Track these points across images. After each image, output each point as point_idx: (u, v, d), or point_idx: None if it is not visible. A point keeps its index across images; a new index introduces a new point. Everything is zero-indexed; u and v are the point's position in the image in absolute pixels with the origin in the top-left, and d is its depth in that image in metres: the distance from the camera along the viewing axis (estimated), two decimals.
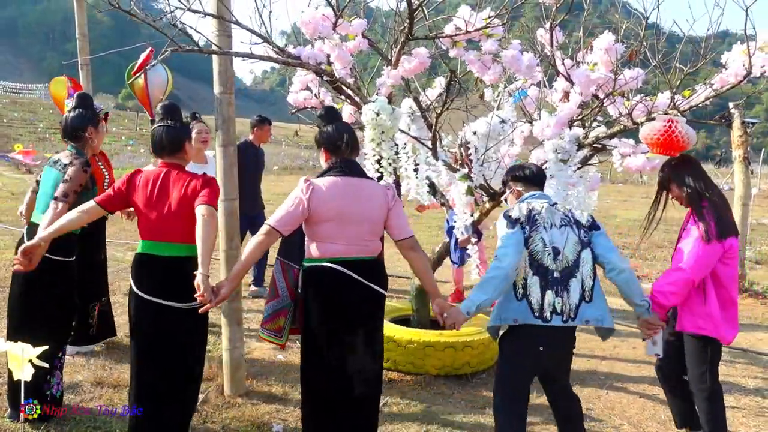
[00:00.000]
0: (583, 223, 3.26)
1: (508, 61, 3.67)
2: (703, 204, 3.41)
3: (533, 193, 3.35)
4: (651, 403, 4.63)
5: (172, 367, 3.21)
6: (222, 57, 4.05)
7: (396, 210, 3.19)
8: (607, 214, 17.01)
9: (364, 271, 3.11)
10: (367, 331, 3.18)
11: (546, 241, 3.14)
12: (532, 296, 3.11)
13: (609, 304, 3.33)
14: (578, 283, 3.14)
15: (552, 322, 3.10)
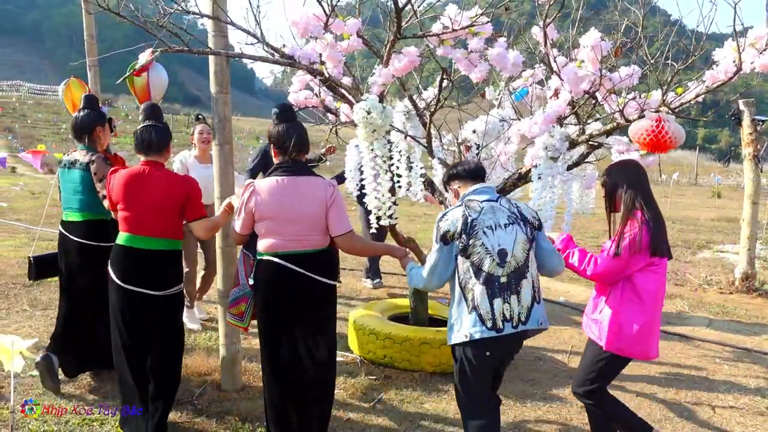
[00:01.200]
0: (529, 220, 3.12)
1: (494, 59, 3.68)
2: (635, 214, 3.17)
3: (474, 189, 3.17)
4: (647, 402, 4.61)
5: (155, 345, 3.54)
6: (218, 57, 4.12)
7: (334, 207, 3.26)
8: None
9: (305, 262, 3.23)
10: (310, 320, 3.30)
11: (489, 246, 2.96)
12: (481, 307, 2.96)
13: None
14: (529, 283, 3.03)
15: (504, 331, 2.96)
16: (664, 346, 5.85)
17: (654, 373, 5.18)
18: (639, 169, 3.33)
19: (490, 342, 2.98)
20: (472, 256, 2.98)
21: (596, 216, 15.97)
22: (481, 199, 3.09)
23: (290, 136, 3.25)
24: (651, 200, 3.23)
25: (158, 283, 3.47)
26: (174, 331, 3.66)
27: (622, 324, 3.16)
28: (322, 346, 3.31)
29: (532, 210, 3.22)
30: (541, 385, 4.84)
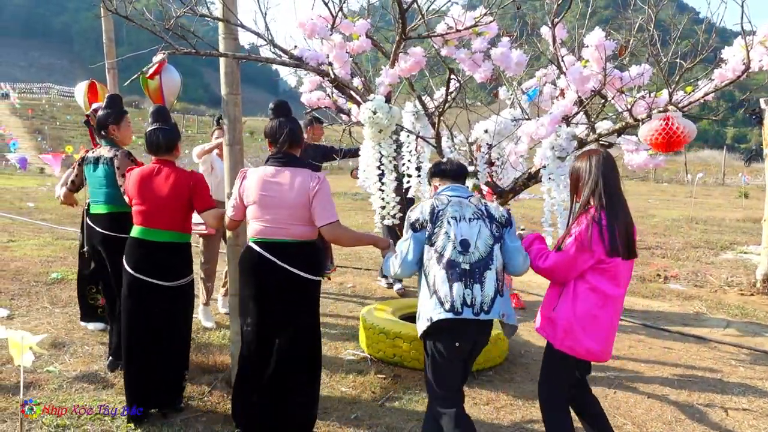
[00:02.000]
0: (496, 218, 3.18)
1: (498, 58, 3.69)
2: (589, 209, 3.04)
3: (449, 186, 3.29)
4: (659, 404, 4.56)
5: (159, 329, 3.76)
6: (228, 59, 4.18)
7: (318, 198, 3.35)
8: (646, 214, 16.68)
9: (280, 252, 3.37)
10: (281, 311, 3.40)
11: (451, 234, 3.06)
12: (440, 291, 3.04)
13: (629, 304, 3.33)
14: (494, 275, 3.08)
15: (463, 315, 3.01)
16: (679, 348, 5.80)
17: (667, 375, 5.13)
18: (607, 161, 3.11)
19: (451, 325, 3.03)
20: (436, 243, 3.09)
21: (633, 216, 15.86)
22: (452, 194, 3.21)
23: (282, 130, 3.43)
24: (615, 196, 3.04)
25: (167, 273, 3.74)
26: (180, 323, 3.85)
27: (572, 322, 3.07)
28: (291, 339, 3.41)
29: (502, 210, 3.25)
30: None
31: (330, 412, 4.15)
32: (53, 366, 4.54)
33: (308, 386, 3.54)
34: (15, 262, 7.61)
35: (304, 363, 3.50)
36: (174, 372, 3.85)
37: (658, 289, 8.07)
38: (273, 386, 3.46)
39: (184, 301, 3.87)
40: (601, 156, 3.10)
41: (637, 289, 8.04)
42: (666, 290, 8.02)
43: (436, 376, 3.18)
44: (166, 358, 3.78)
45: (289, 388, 3.48)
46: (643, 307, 7.25)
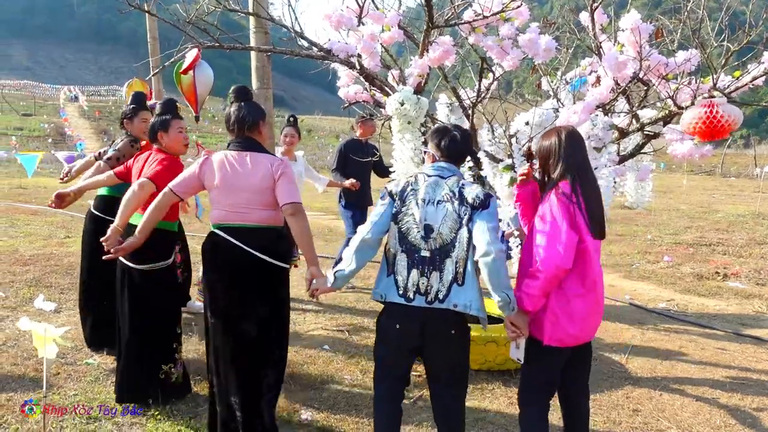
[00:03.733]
0: (468, 200, 2.92)
1: (526, 45, 3.53)
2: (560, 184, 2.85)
3: (437, 164, 3.05)
4: (707, 407, 4.32)
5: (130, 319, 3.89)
6: (260, 54, 4.18)
7: (282, 180, 3.30)
8: (709, 209, 16.01)
9: (243, 237, 3.31)
10: (245, 297, 3.34)
11: (417, 217, 2.94)
12: (399, 274, 2.97)
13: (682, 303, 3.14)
14: (453, 263, 2.91)
15: (414, 302, 2.92)
16: (733, 349, 5.50)
17: (719, 377, 4.86)
18: (575, 136, 2.94)
19: (399, 309, 2.95)
20: (401, 224, 2.98)
21: (697, 211, 15.24)
22: (430, 173, 3.03)
23: (235, 114, 3.39)
24: (589, 172, 2.91)
25: (139, 258, 3.80)
26: (147, 309, 3.87)
27: (557, 313, 2.87)
28: (255, 326, 3.35)
29: (478, 191, 2.94)
30: (593, 385, 4.57)
31: (360, 408, 4.10)
32: (92, 359, 4.64)
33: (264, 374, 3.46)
34: (69, 257, 7.85)
35: (272, 351, 3.45)
36: (150, 362, 3.88)
37: (715, 287, 7.69)
38: (240, 376, 3.39)
39: (155, 288, 3.88)
40: (570, 131, 2.95)
41: (692, 287, 7.69)
42: (724, 288, 7.63)
43: (376, 350, 3.14)
44: (141, 348, 3.87)
45: (255, 377, 3.41)
46: (698, 306, 6.91)
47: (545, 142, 2.95)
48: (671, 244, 10.57)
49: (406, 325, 2.96)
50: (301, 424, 3.85)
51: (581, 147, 2.92)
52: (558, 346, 2.91)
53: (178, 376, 4.02)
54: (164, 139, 3.92)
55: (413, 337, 2.99)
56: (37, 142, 35.78)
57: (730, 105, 3.33)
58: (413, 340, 2.99)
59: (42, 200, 13.70)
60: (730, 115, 3.37)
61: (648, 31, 3.27)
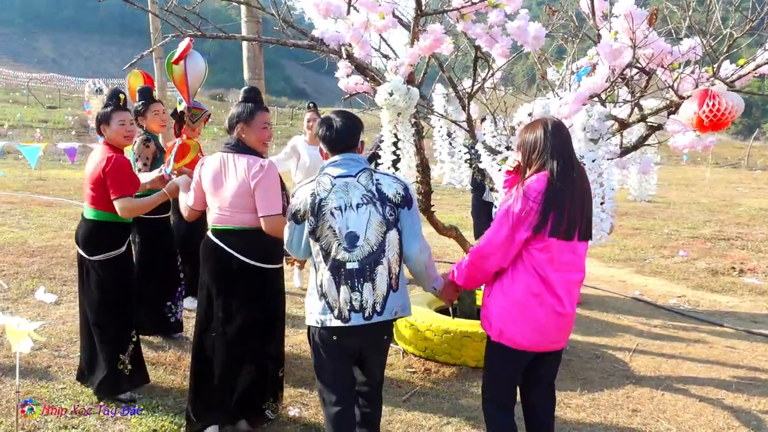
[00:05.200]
0: (390, 198, 2.74)
1: (515, 33, 3.40)
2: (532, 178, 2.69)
3: (334, 160, 2.81)
4: (710, 408, 4.17)
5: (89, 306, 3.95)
6: (250, 44, 4.10)
7: (258, 188, 3.22)
8: (731, 203, 15.66)
9: (229, 239, 3.32)
10: (232, 299, 3.35)
11: (337, 228, 2.69)
12: (329, 295, 2.73)
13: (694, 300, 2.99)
14: (386, 269, 2.73)
15: (352, 321, 2.72)
16: (743, 348, 5.33)
17: (725, 377, 4.70)
18: (559, 127, 2.76)
19: (337, 331, 2.76)
20: (321, 240, 2.74)
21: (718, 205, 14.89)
22: (336, 174, 2.76)
23: (230, 116, 3.36)
24: (571, 168, 2.70)
25: (86, 247, 3.91)
26: (97, 297, 3.90)
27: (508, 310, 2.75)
28: (239, 329, 3.34)
29: (397, 186, 2.78)
30: (593, 384, 4.50)
31: None
32: None
33: (265, 379, 3.47)
34: (75, 249, 7.87)
35: (258, 355, 3.43)
36: (109, 350, 3.88)
37: (729, 283, 7.47)
38: (225, 379, 3.40)
39: (104, 279, 3.90)
40: (555, 123, 2.77)
41: (706, 282, 7.48)
42: (738, 284, 7.41)
43: (318, 367, 2.94)
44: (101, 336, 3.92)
45: (242, 381, 3.43)
46: (710, 302, 6.72)
47: (529, 134, 2.78)
48: (688, 238, 10.33)
49: (344, 341, 2.81)
50: (289, 420, 3.79)
51: (567, 141, 2.76)
52: (510, 346, 2.78)
53: (134, 367, 4.00)
54: (106, 132, 3.93)
55: (353, 350, 2.89)
56: (61, 134, 36.21)
57: (730, 93, 3.17)
58: (353, 353, 2.90)
59: (59, 192, 13.84)
60: (729, 104, 3.21)
61: (642, 17, 3.12)
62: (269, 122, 3.43)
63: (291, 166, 6.33)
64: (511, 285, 2.74)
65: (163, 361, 4.51)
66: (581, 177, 2.77)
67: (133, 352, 3.98)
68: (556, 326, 2.76)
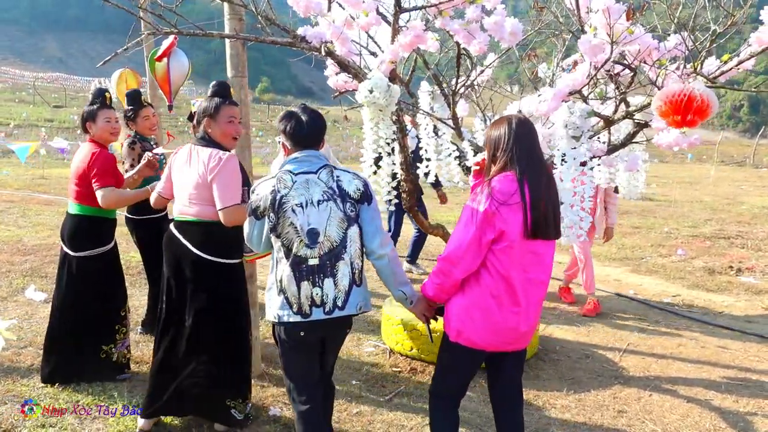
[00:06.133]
0: (350, 194, 2.76)
1: (492, 28, 3.35)
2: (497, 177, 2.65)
3: (295, 156, 2.81)
4: (698, 409, 4.12)
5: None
6: (234, 42, 4.06)
7: (216, 180, 3.22)
8: (734, 201, 15.53)
9: (186, 231, 3.35)
10: (188, 292, 3.37)
11: (298, 225, 2.69)
12: (288, 291, 2.74)
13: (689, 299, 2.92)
14: (347, 265, 2.75)
15: (312, 317, 2.73)
16: (736, 348, 5.27)
17: (715, 378, 4.65)
18: (524, 124, 2.72)
19: (297, 326, 2.77)
20: (282, 237, 2.74)
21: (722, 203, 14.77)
22: (297, 171, 2.76)
23: (197, 110, 3.41)
24: (535, 167, 2.66)
25: (71, 243, 3.96)
26: (86, 293, 3.95)
27: (467, 308, 2.72)
28: (195, 323, 3.37)
29: (357, 182, 2.80)
30: (581, 384, 4.46)
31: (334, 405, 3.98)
32: None
33: (225, 377, 3.45)
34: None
35: (215, 350, 3.42)
36: (88, 344, 3.99)
37: (726, 282, 7.39)
38: (180, 371, 3.42)
39: (89, 275, 3.97)
40: (517, 120, 2.72)
41: (702, 282, 7.41)
42: (735, 284, 7.33)
43: (284, 362, 2.95)
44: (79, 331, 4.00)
45: (199, 376, 3.42)
46: (705, 302, 6.65)
47: (494, 131, 2.74)
48: (688, 237, 10.24)
49: (308, 335, 2.82)
50: (269, 419, 3.76)
51: (532, 137, 2.71)
52: (467, 346, 2.75)
53: (119, 356, 4.14)
54: (92, 129, 3.99)
55: (316, 344, 2.90)
56: (66, 133, 36.34)
57: (705, 88, 3.11)
58: (316, 346, 2.91)
59: (60, 190, 13.86)
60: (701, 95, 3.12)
61: (620, 12, 3.07)
62: (236, 117, 3.42)
63: None
64: (472, 286, 2.71)
65: (147, 359, 4.48)
66: (548, 175, 2.73)
67: (120, 342, 4.12)
68: (514, 327, 2.72)
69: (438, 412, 2.95)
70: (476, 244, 2.61)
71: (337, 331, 2.92)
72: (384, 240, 2.84)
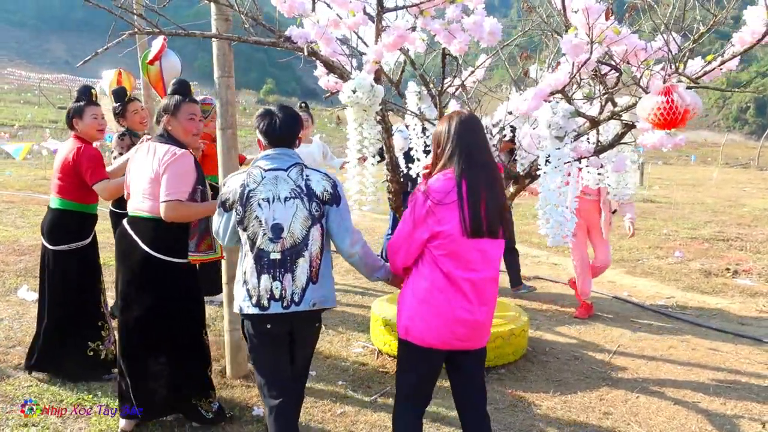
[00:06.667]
0: (317, 194, 2.79)
1: (471, 28, 3.35)
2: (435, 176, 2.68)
3: (268, 153, 2.85)
4: (684, 412, 4.10)
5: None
6: (220, 42, 4.07)
7: (167, 172, 3.23)
8: (736, 203, 15.48)
9: (136, 227, 3.37)
10: (135, 287, 3.37)
11: (262, 219, 2.75)
12: (249, 282, 2.80)
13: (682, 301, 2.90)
14: (306, 263, 2.78)
15: (270, 310, 2.77)
16: (727, 350, 5.24)
17: (704, 380, 4.62)
18: (466, 122, 2.70)
19: (257, 318, 2.82)
20: (248, 229, 2.80)
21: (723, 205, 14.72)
22: (268, 167, 2.81)
23: (158, 108, 3.46)
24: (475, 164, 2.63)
25: (50, 237, 4.00)
26: (67, 288, 4.00)
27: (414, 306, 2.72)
28: (139, 318, 3.36)
29: (326, 183, 2.82)
30: (568, 386, 4.44)
31: (317, 405, 3.98)
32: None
33: (182, 374, 3.46)
34: None
35: (165, 348, 3.42)
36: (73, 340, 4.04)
37: (721, 284, 7.36)
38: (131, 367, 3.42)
39: (65, 268, 4.01)
40: (461, 117, 2.71)
41: (697, 284, 7.37)
42: (730, 286, 7.30)
43: (253, 358, 2.97)
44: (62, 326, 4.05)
45: (153, 372, 3.42)
46: (698, 304, 6.61)
47: (438, 127, 2.75)
48: (686, 238, 10.21)
49: (274, 328, 2.84)
50: (252, 419, 3.76)
51: (473, 134, 2.68)
52: (416, 343, 2.73)
53: (107, 352, 4.17)
54: (79, 125, 4.06)
55: (282, 338, 2.89)
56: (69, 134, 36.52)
57: (688, 91, 3.10)
58: (284, 337, 2.89)
59: None
60: (684, 100, 3.12)
61: (599, 12, 3.06)
62: (197, 114, 3.46)
63: None
64: (418, 282, 2.72)
65: None
66: (490, 174, 2.68)
67: (107, 338, 4.15)
68: (464, 324, 2.69)
69: (399, 420, 2.90)
70: (409, 240, 2.68)
71: (303, 326, 2.91)
72: (354, 239, 2.88)
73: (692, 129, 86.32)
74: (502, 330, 4.59)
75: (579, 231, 5.74)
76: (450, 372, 2.96)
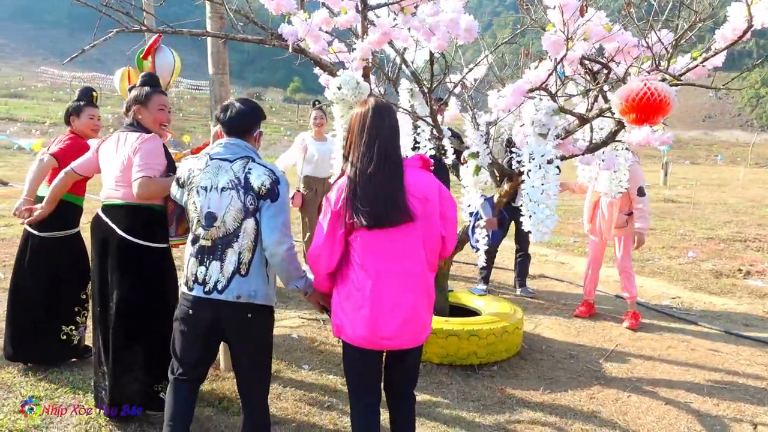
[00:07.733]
0: (254, 189, 2.78)
1: (447, 25, 3.35)
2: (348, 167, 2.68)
3: (223, 141, 2.91)
4: (675, 412, 4.06)
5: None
6: (215, 40, 4.15)
7: (138, 154, 3.30)
8: (760, 204, 15.18)
9: (112, 214, 3.43)
10: (112, 275, 3.41)
11: (199, 206, 2.83)
12: (185, 264, 2.92)
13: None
14: (235, 254, 2.81)
15: (193, 292, 2.84)
16: (727, 351, 5.17)
17: (699, 380, 4.57)
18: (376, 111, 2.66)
19: (186, 298, 2.90)
20: (189, 213, 2.94)
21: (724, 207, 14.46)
22: (215, 156, 2.88)
23: (128, 99, 3.55)
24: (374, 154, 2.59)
25: (44, 226, 4.03)
26: (48, 273, 4.08)
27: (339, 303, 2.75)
28: (116, 305, 3.40)
29: (266, 179, 2.79)
30: (559, 384, 4.43)
31: (306, 398, 4.04)
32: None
33: (150, 360, 3.47)
34: None
35: (140, 334, 3.44)
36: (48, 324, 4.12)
37: (730, 285, 7.24)
38: (107, 356, 3.46)
39: (51, 253, 4.10)
40: (372, 106, 2.67)
41: (705, 284, 7.27)
42: (739, 287, 7.18)
43: (172, 339, 3.02)
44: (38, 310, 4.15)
45: (127, 360, 3.44)
46: (705, 304, 6.53)
47: (351, 120, 2.75)
48: (702, 239, 10.06)
49: (197, 312, 2.88)
50: (238, 412, 3.82)
51: (378, 125, 2.63)
52: (348, 342, 2.74)
53: (80, 339, 4.31)
54: (75, 123, 4.25)
55: (206, 324, 2.89)
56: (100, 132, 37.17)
57: (663, 84, 3.08)
58: (206, 325, 2.90)
59: None
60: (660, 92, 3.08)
61: (574, 8, 3.04)
62: (166, 105, 3.57)
63: (298, 160, 6.62)
64: (341, 281, 2.74)
65: None
66: (386, 162, 2.61)
67: (81, 325, 4.29)
68: (386, 321, 2.66)
69: (355, 413, 2.89)
70: (331, 239, 2.65)
71: (231, 317, 2.87)
72: (281, 239, 2.81)
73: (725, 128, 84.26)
74: (495, 327, 4.59)
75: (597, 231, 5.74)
76: (387, 365, 2.95)
